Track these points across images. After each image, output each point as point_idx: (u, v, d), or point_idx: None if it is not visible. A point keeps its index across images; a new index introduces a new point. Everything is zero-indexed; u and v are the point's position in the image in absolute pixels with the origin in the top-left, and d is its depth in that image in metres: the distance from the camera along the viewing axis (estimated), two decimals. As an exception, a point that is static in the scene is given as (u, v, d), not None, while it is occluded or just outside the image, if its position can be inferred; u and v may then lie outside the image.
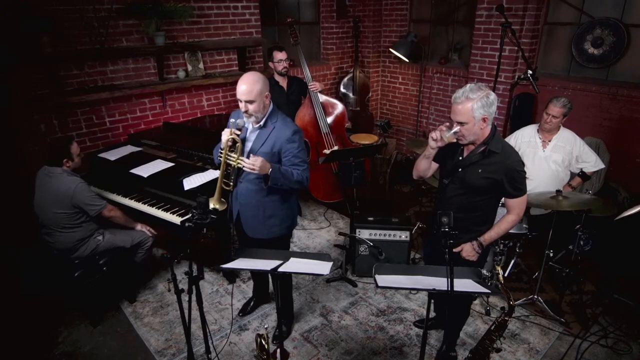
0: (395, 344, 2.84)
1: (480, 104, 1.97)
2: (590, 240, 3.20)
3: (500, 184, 2.09)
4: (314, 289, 3.39)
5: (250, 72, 2.31)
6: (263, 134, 2.38)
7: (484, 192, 2.15)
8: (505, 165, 2.06)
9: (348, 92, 5.55)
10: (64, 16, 3.36)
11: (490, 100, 1.99)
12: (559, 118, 3.10)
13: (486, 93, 1.99)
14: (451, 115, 2.07)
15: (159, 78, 3.99)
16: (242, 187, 2.48)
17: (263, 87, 2.27)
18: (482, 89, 2.00)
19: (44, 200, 2.77)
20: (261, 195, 2.46)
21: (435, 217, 2.01)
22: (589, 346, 2.75)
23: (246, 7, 4.41)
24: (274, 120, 2.38)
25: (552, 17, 4.29)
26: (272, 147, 2.36)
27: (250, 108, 2.27)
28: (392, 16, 5.58)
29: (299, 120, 4.07)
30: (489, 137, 2.09)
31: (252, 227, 2.56)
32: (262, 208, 2.49)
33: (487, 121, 2.03)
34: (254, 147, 2.38)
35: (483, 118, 2.00)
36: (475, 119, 2.00)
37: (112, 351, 2.81)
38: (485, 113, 1.99)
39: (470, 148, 2.16)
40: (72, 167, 2.82)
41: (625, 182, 3.82)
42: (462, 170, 2.18)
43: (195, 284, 1.98)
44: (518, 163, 2.10)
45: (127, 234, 3.07)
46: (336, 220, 4.48)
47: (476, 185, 2.13)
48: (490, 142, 2.08)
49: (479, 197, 2.17)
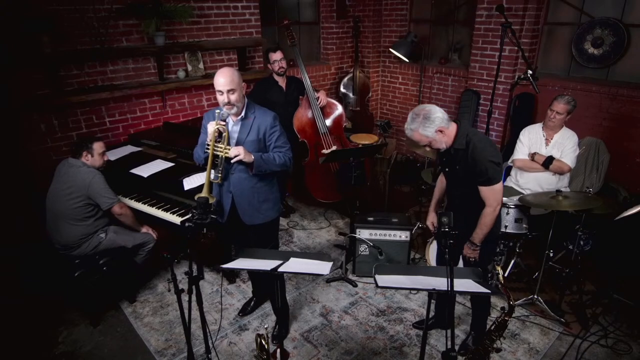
0: (395, 344, 2.84)
1: (423, 127, 2.16)
2: (590, 240, 3.20)
3: (473, 174, 2.23)
4: (314, 289, 3.39)
5: (223, 67, 2.40)
6: (246, 124, 2.48)
7: (470, 184, 2.27)
8: (471, 157, 2.20)
9: (348, 92, 5.55)
10: (64, 16, 3.36)
11: (431, 119, 2.14)
12: (563, 115, 3.20)
13: (423, 115, 2.15)
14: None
15: (159, 78, 3.99)
16: (235, 178, 2.54)
17: (240, 78, 2.38)
18: (418, 114, 2.16)
19: (60, 189, 2.84)
20: (254, 181, 2.55)
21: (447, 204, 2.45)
22: (589, 346, 2.75)
23: (246, 7, 4.41)
24: (253, 111, 2.49)
25: (552, 17, 4.29)
26: (257, 134, 2.48)
27: (232, 98, 2.34)
28: (392, 16, 5.57)
29: (296, 120, 4.06)
30: (455, 137, 2.23)
31: (249, 215, 2.61)
32: (256, 194, 2.59)
33: (443, 130, 2.18)
34: (240, 138, 2.47)
35: (436, 131, 2.17)
36: (431, 137, 2.19)
37: (112, 351, 2.81)
38: (435, 128, 2.15)
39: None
40: (91, 162, 2.91)
41: (625, 182, 3.82)
42: (449, 170, 2.40)
43: (195, 284, 1.98)
44: (482, 151, 2.17)
45: (129, 234, 3.08)
46: (336, 220, 4.48)
47: (461, 178, 2.30)
48: (455, 141, 2.23)
49: (470, 190, 2.29)
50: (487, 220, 2.28)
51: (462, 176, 2.29)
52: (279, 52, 3.90)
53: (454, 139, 2.23)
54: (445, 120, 2.18)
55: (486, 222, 2.28)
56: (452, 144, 2.23)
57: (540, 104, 4.28)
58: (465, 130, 2.22)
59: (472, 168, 2.19)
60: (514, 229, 3.11)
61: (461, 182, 2.34)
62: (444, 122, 2.17)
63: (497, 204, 2.24)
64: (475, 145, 2.18)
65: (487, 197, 2.23)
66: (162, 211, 3.11)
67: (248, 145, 2.45)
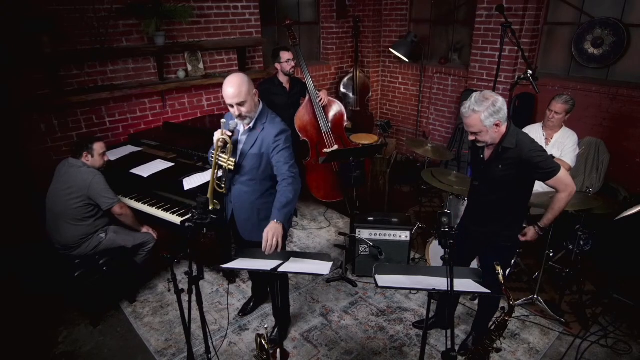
0: (395, 344, 2.84)
1: (487, 114, 2.06)
2: (590, 240, 3.20)
3: (524, 174, 2.18)
4: (314, 289, 3.39)
5: (232, 74, 2.24)
6: (252, 136, 2.36)
7: (506, 185, 2.23)
8: (521, 158, 2.14)
9: (348, 92, 5.55)
10: (64, 16, 3.36)
11: (497, 108, 2.06)
12: (562, 114, 3.21)
13: (492, 102, 2.06)
14: (464, 127, 2.19)
15: (159, 78, 3.99)
16: (236, 190, 2.46)
17: (250, 86, 2.23)
18: (488, 97, 2.08)
19: (60, 189, 2.84)
20: (254, 197, 2.44)
21: (466, 211, 2.47)
22: (589, 346, 2.75)
23: (246, 7, 4.41)
24: (263, 121, 2.36)
25: (552, 17, 4.29)
26: (260, 148, 2.35)
27: (242, 110, 2.24)
28: (392, 16, 5.57)
29: (298, 120, 4.06)
30: (505, 135, 2.16)
31: (248, 231, 2.54)
32: (257, 211, 2.47)
33: (500, 125, 2.11)
34: (244, 149, 2.38)
35: (495, 124, 2.09)
36: (487, 127, 2.10)
37: (112, 351, 2.81)
38: (496, 119, 2.08)
39: (490, 148, 2.26)
40: (91, 163, 2.90)
41: (625, 182, 3.82)
42: (485, 169, 2.29)
43: (195, 284, 1.98)
44: (531, 151, 2.14)
45: (130, 234, 3.08)
46: (336, 220, 4.48)
47: (498, 180, 2.22)
48: (505, 139, 2.16)
49: (504, 192, 2.25)
50: (561, 205, 2.24)
51: (501, 176, 2.20)
52: (290, 51, 3.89)
53: (502, 137, 2.17)
54: (506, 116, 2.12)
55: (560, 207, 2.25)
56: (501, 142, 2.16)
57: (540, 103, 4.28)
58: (515, 130, 2.18)
59: (520, 167, 2.15)
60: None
61: (498, 186, 2.25)
62: (504, 118, 2.11)
63: (571, 189, 2.20)
64: (523, 146, 2.14)
65: (556, 186, 2.20)
66: (162, 211, 3.11)
67: (250, 158, 2.36)
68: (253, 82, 2.33)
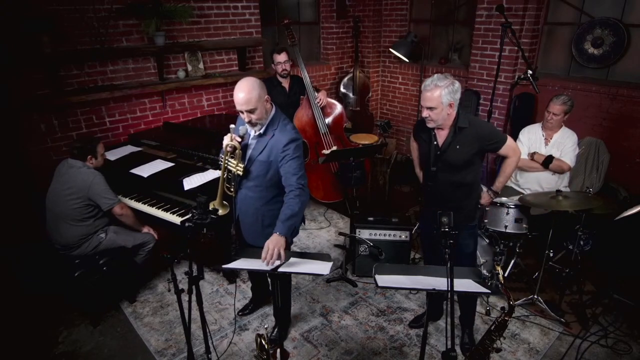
0: (395, 344, 2.84)
1: (447, 90, 2.22)
2: (590, 240, 3.20)
3: (480, 150, 2.39)
4: (314, 289, 3.39)
5: (244, 78, 2.18)
6: (262, 142, 2.31)
7: (468, 164, 2.39)
8: (477, 133, 2.34)
9: (348, 92, 5.55)
10: (64, 16, 3.36)
11: (455, 88, 2.25)
12: (560, 115, 3.22)
13: (451, 81, 2.25)
14: (421, 102, 2.33)
15: (159, 78, 3.99)
16: (241, 194, 2.45)
17: (261, 91, 2.16)
18: (448, 77, 2.25)
19: (59, 189, 2.84)
20: (260, 203, 2.41)
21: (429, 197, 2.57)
22: (589, 346, 2.75)
23: (246, 7, 4.41)
24: (274, 128, 2.29)
25: (552, 17, 4.29)
26: (268, 155, 2.29)
27: (253, 117, 2.18)
28: (392, 16, 5.57)
29: (297, 120, 4.06)
30: (456, 119, 2.34)
31: (252, 237, 2.53)
32: (261, 217, 2.44)
33: (453, 107, 2.28)
34: (252, 155, 2.34)
35: (450, 104, 2.25)
36: (443, 104, 2.24)
37: (112, 351, 2.81)
38: (452, 99, 2.25)
39: (442, 134, 2.40)
40: (95, 165, 2.92)
41: (625, 182, 3.82)
42: (442, 154, 2.40)
43: (195, 284, 1.98)
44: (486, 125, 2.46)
45: (130, 234, 3.08)
46: (336, 220, 4.48)
47: (460, 160, 2.37)
48: (458, 120, 2.34)
49: (466, 171, 2.41)
50: (512, 169, 2.51)
51: (458, 157, 2.35)
52: (284, 53, 3.87)
53: (454, 119, 2.34)
54: (458, 102, 2.31)
55: (511, 171, 2.51)
56: (455, 124, 2.33)
57: (540, 103, 4.28)
58: (464, 112, 2.38)
59: (477, 143, 2.33)
60: (514, 229, 3.11)
61: (459, 166, 2.38)
62: (457, 102, 2.29)
63: (519, 152, 2.47)
64: (476, 124, 2.38)
65: (507, 152, 2.44)
66: (162, 211, 3.11)
67: (258, 165, 2.32)
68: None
